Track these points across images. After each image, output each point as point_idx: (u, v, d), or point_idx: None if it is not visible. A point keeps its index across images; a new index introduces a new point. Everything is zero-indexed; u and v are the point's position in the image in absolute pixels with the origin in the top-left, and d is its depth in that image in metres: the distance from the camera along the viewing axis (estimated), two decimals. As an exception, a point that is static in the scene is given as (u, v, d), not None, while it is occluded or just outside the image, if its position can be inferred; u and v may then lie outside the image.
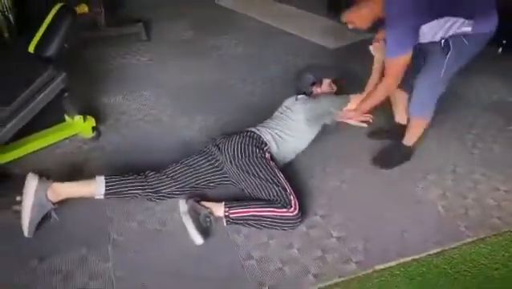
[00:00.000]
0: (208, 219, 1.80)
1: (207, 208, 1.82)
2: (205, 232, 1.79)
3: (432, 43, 1.94)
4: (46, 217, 1.83)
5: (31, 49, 2.13)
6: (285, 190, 1.83)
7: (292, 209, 1.79)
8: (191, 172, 1.96)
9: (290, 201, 1.81)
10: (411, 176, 2.20)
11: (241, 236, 1.82)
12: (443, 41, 1.92)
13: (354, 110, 2.18)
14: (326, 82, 2.36)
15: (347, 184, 2.14)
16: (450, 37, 1.90)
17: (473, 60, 1.98)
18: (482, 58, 2.02)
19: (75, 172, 2.12)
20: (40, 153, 2.27)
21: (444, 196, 2.07)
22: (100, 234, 1.82)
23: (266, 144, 2.01)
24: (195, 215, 1.81)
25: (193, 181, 1.96)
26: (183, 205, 1.85)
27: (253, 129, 2.08)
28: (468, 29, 1.85)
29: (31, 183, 1.78)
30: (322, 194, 2.07)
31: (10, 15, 3.31)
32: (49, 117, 2.32)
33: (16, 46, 3.31)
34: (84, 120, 2.37)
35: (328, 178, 2.18)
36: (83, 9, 3.57)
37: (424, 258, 1.75)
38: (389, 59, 1.89)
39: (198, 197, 1.92)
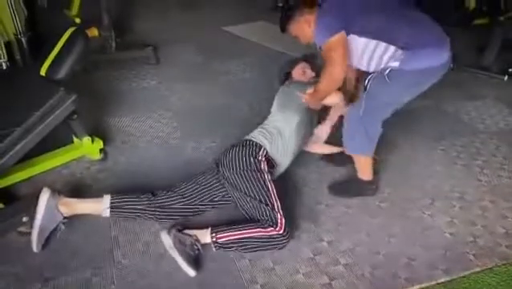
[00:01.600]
0: (195, 247, 1.76)
1: (191, 236, 1.78)
2: (195, 262, 1.76)
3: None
4: (54, 233, 1.85)
5: (43, 72, 2.17)
6: (273, 209, 1.82)
7: (278, 228, 1.77)
8: (199, 188, 1.99)
9: (276, 219, 1.79)
10: (418, 202, 2.18)
11: (245, 261, 1.81)
12: (367, 80, 1.89)
13: (310, 95, 2.12)
14: (295, 72, 2.45)
15: (354, 209, 2.13)
16: (373, 73, 1.86)
17: (480, 87, 1.98)
18: (488, 85, 2.03)
19: (82, 193, 2.12)
20: (48, 174, 2.28)
21: (452, 223, 2.05)
22: (105, 257, 1.81)
23: (260, 148, 2.02)
24: (181, 247, 1.74)
25: (201, 197, 1.98)
26: (166, 239, 1.77)
27: (247, 137, 2.11)
28: (395, 64, 1.78)
29: (43, 196, 1.83)
30: (328, 220, 2.05)
31: (23, 38, 3.38)
32: (57, 138, 2.34)
33: (28, 69, 3.37)
34: (92, 141, 2.39)
35: (335, 204, 2.16)
36: (93, 32, 3.64)
37: (433, 286, 1.72)
38: (322, 46, 1.83)
39: (180, 225, 1.86)
